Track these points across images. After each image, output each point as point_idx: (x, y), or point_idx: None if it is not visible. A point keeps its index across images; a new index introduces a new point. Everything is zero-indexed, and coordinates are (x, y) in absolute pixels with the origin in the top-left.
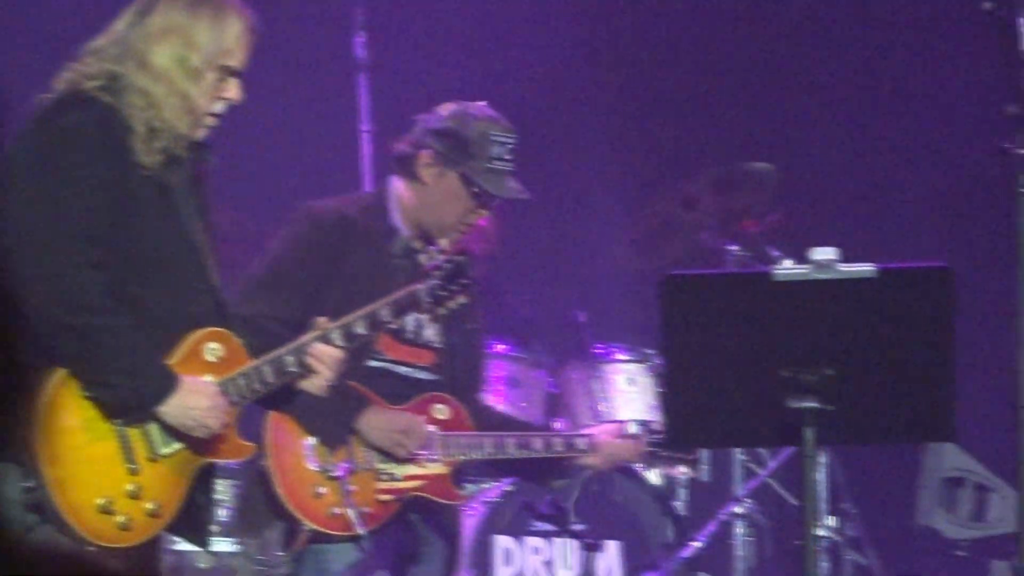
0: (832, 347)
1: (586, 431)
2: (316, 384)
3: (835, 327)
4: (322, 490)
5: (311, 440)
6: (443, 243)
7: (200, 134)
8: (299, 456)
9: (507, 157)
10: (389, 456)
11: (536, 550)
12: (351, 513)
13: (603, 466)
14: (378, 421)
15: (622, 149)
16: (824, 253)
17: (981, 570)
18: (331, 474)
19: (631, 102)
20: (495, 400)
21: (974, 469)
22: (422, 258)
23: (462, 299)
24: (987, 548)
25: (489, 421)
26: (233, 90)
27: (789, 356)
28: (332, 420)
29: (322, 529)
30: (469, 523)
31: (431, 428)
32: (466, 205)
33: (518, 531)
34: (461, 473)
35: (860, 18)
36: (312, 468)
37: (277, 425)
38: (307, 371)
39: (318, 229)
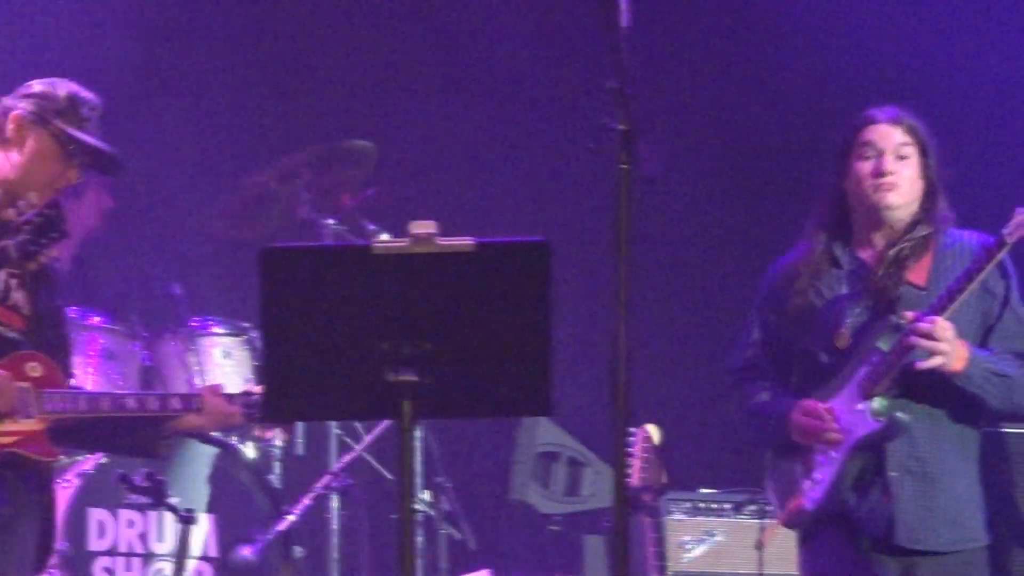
0: (431, 321)
1: (188, 392)
2: None
3: (434, 301)
4: None
5: None
6: (32, 196)
7: None
8: None
9: (96, 122)
10: None
11: (131, 523)
12: None
13: (209, 426)
14: None
15: (219, 122)
16: (422, 227)
17: (574, 545)
18: None
19: (231, 74)
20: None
21: (568, 444)
22: (10, 212)
23: (52, 252)
24: (580, 523)
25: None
26: None
27: (388, 329)
28: None
29: None
30: (64, 495)
31: (24, 385)
32: (58, 164)
33: (112, 503)
34: (57, 434)
35: None
36: None
37: None
38: None
39: None
